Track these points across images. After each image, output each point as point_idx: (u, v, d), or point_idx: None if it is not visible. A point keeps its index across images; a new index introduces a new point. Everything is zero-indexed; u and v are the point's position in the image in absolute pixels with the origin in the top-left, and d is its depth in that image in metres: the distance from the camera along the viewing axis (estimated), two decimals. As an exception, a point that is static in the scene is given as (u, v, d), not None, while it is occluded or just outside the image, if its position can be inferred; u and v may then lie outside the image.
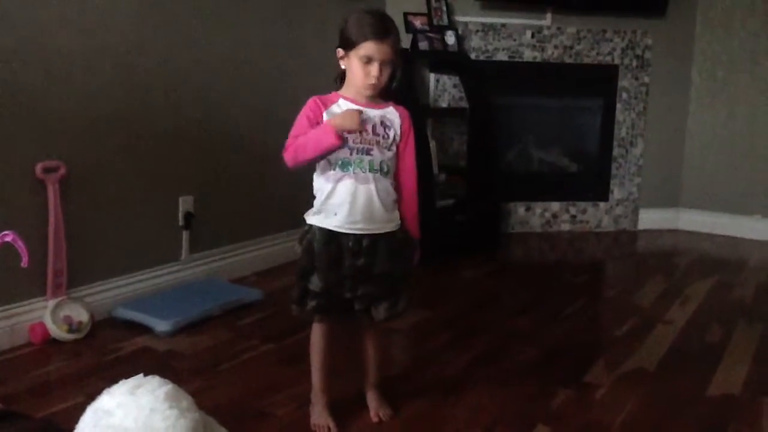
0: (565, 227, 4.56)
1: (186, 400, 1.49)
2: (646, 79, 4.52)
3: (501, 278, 3.55)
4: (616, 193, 4.61)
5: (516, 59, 4.34)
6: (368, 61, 1.73)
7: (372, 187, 1.79)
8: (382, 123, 1.81)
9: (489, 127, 4.13)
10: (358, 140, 1.78)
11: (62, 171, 2.45)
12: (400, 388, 2.16)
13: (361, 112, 1.77)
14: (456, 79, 4.27)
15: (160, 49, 2.82)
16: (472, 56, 4.25)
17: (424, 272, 3.44)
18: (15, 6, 2.30)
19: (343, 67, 1.81)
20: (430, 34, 4.05)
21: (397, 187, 1.87)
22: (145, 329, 2.54)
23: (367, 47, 1.72)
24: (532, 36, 4.35)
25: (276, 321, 2.71)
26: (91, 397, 1.51)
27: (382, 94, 1.84)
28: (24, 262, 1.77)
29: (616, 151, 4.57)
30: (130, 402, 1.39)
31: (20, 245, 1.76)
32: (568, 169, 4.68)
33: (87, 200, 2.58)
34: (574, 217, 4.57)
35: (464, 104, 4.24)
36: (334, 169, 1.79)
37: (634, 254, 4.24)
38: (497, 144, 4.27)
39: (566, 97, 4.54)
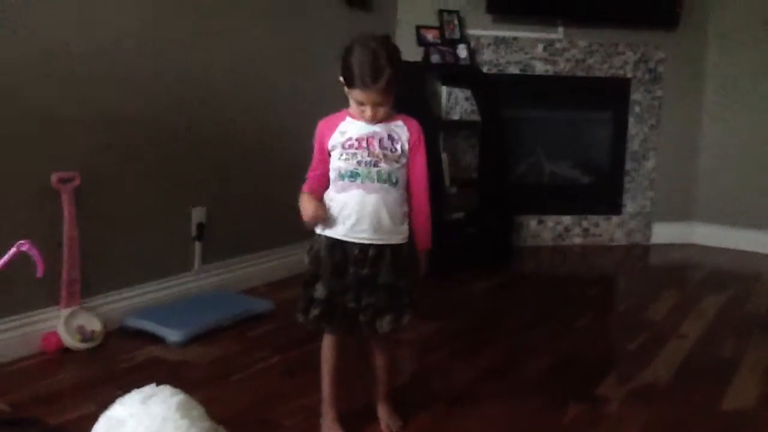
0: (578, 241, 4.55)
1: (197, 410, 1.50)
2: (659, 93, 4.52)
3: (512, 291, 3.54)
4: (629, 206, 4.59)
5: (528, 72, 4.35)
6: (360, 103, 1.77)
7: (381, 197, 1.80)
8: (389, 137, 1.82)
9: (501, 140, 4.13)
10: (366, 154, 1.80)
11: (77, 181, 2.48)
12: (409, 400, 2.15)
13: (319, 209, 1.79)
14: (468, 93, 4.28)
15: (174, 62, 2.85)
16: (484, 69, 4.26)
17: (434, 284, 3.43)
18: (30, 17, 2.34)
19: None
20: (442, 48, 4.07)
21: (408, 198, 1.88)
22: (156, 339, 2.56)
23: (357, 94, 1.76)
24: (544, 49, 4.36)
25: (286, 332, 2.71)
26: (104, 405, 1.53)
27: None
28: (39, 272, 1.79)
29: (628, 165, 4.56)
30: (142, 411, 1.41)
31: (35, 254, 1.78)
32: (580, 182, 4.67)
33: (101, 211, 2.60)
34: (586, 230, 4.56)
35: (476, 117, 4.24)
36: (343, 180, 1.81)
37: (647, 268, 4.22)
38: (509, 157, 4.27)
39: (578, 110, 4.54)
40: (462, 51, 4.13)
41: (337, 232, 1.82)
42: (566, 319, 3.05)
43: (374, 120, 1.80)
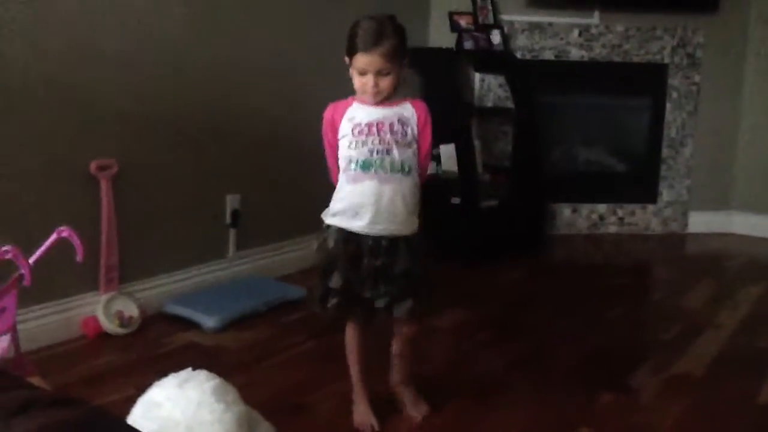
0: (612, 229, 4.49)
1: (232, 394, 1.53)
2: (697, 78, 4.42)
3: (545, 280, 3.52)
4: (665, 195, 4.52)
5: (563, 58, 4.30)
6: (363, 72, 1.75)
7: (395, 187, 1.79)
8: (399, 120, 1.81)
9: (534, 127, 4.09)
10: (377, 141, 1.78)
11: (115, 169, 2.53)
12: (439, 388, 2.16)
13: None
14: (501, 79, 4.25)
15: (209, 50, 2.87)
16: (518, 55, 4.22)
17: (466, 273, 3.43)
18: (70, 8, 2.38)
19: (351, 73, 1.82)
20: (476, 34, 4.04)
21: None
22: (193, 325, 2.60)
23: (358, 60, 1.74)
24: (580, 35, 4.29)
25: (319, 318, 2.73)
26: (141, 389, 1.56)
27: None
28: (79, 257, 1.83)
29: (665, 152, 4.48)
30: (179, 395, 1.44)
31: (76, 241, 1.82)
32: (615, 169, 4.61)
33: (138, 198, 2.64)
34: (621, 219, 4.50)
35: (509, 104, 4.21)
36: (356, 170, 1.80)
37: (683, 257, 4.16)
38: (543, 144, 4.23)
39: (614, 96, 4.47)
40: (495, 37, 4.09)
41: (351, 225, 1.81)
42: (600, 308, 3.02)
43: (377, 93, 1.76)
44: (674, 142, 4.48)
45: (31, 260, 1.77)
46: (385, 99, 1.81)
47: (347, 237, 1.82)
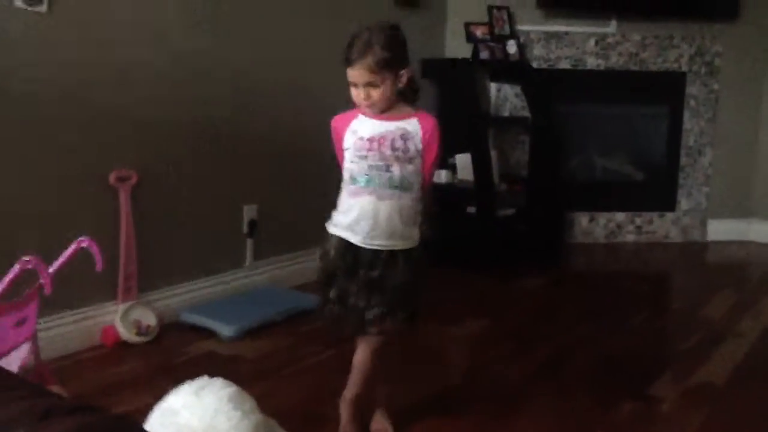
0: (631, 238, 4.46)
1: (249, 402, 1.52)
2: (716, 86, 4.39)
3: (564, 288, 3.50)
4: (684, 203, 4.48)
5: (579, 67, 4.29)
6: (354, 84, 1.73)
7: (394, 203, 1.77)
8: (401, 136, 1.77)
9: (551, 136, 4.08)
10: (377, 157, 1.76)
11: (134, 179, 2.55)
12: (459, 396, 2.15)
13: None
14: (517, 88, 4.24)
15: (228, 62, 2.90)
16: (534, 65, 4.21)
17: (484, 282, 3.42)
18: (89, 17, 2.41)
19: None
20: (492, 44, 4.04)
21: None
22: (210, 333, 2.61)
23: (348, 73, 1.73)
24: (596, 44, 4.28)
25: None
26: (159, 397, 1.56)
27: (407, 102, 1.81)
28: (99, 267, 1.84)
29: (683, 160, 4.45)
30: (196, 402, 1.44)
31: (95, 251, 1.84)
32: (633, 178, 4.58)
33: (156, 208, 2.66)
34: (639, 227, 4.47)
35: (526, 113, 4.20)
36: (356, 184, 1.79)
37: (703, 266, 4.12)
38: (560, 153, 4.22)
39: (631, 104, 4.45)
40: (512, 47, 4.09)
41: (349, 238, 1.81)
42: (619, 317, 3.00)
43: (371, 105, 1.74)
44: (692, 150, 4.44)
45: (51, 270, 1.79)
46: (391, 111, 1.78)
47: (347, 247, 1.81)
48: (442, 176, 3.86)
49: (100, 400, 2.04)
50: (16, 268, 1.72)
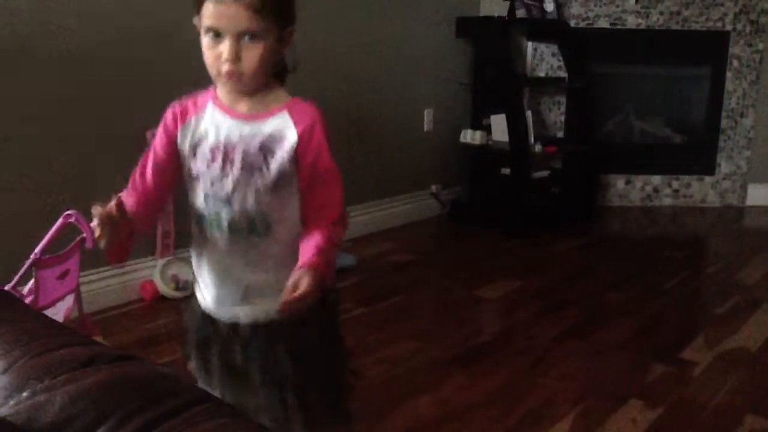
0: (667, 201, 4.40)
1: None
2: (761, 46, 4.26)
3: (597, 251, 3.48)
4: (723, 166, 4.39)
5: (618, 26, 4.19)
6: (216, 34, 1.08)
7: (245, 259, 1.16)
8: (261, 147, 1.12)
9: (588, 97, 4.02)
10: (217, 179, 1.14)
11: (170, 138, 2.57)
12: (489, 358, 2.17)
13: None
14: (554, 48, 4.17)
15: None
16: (572, 24, 4.13)
17: (517, 244, 3.42)
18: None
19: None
20: (528, 2, 3.96)
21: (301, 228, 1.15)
22: (245, 290, 2.65)
23: (208, 10, 1.07)
24: (636, 1, 4.17)
25: (368, 286, 2.77)
26: (197, 349, 1.61)
27: (269, 85, 1.15)
28: (88, 244, 1.68)
29: (724, 123, 4.34)
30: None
31: (84, 226, 1.74)
32: (671, 141, 4.49)
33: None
34: (676, 191, 4.40)
35: (562, 73, 4.14)
36: (197, 221, 1.20)
37: (741, 231, 4.05)
38: (596, 114, 4.15)
39: (671, 65, 4.34)
40: (549, 5, 4.01)
41: (202, 302, 1.24)
42: (653, 281, 2.98)
43: (234, 73, 1.09)
44: (734, 113, 4.34)
45: (37, 249, 1.74)
46: (248, 103, 1.14)
47: (203, 314, 1.25)
48: (476, 137, 3.84)
49: (140, 352, 2.11)
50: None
